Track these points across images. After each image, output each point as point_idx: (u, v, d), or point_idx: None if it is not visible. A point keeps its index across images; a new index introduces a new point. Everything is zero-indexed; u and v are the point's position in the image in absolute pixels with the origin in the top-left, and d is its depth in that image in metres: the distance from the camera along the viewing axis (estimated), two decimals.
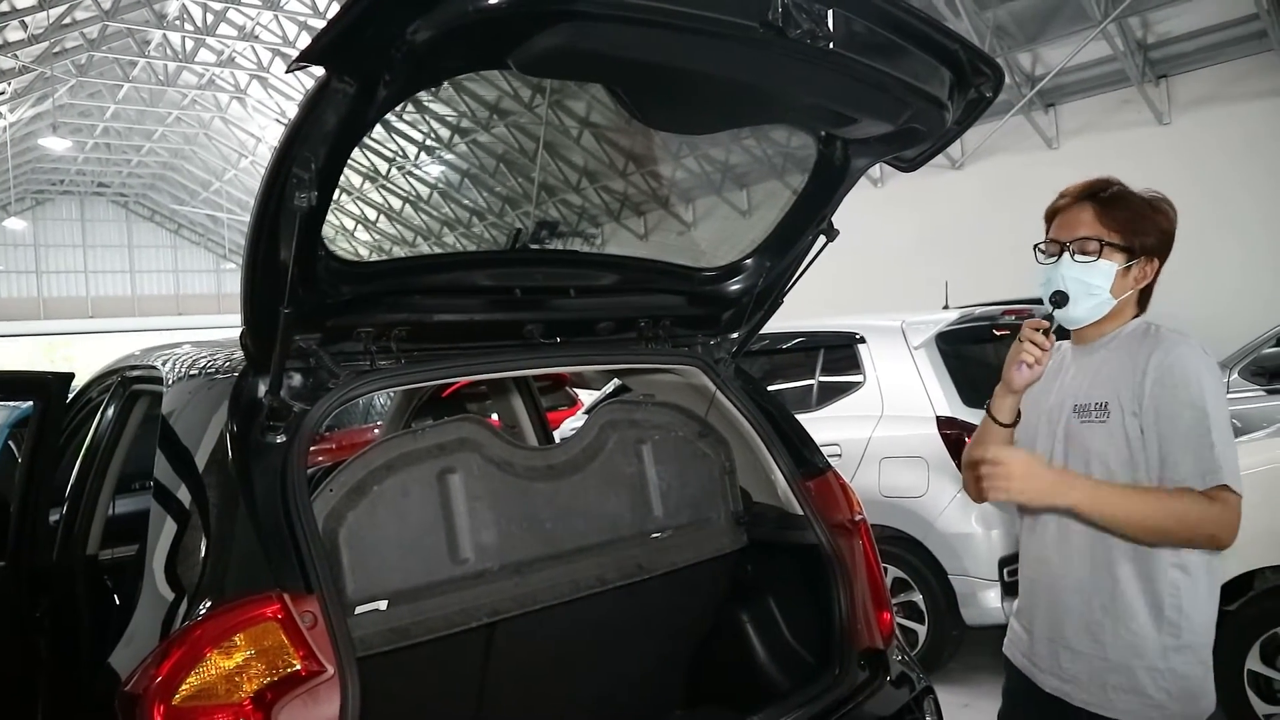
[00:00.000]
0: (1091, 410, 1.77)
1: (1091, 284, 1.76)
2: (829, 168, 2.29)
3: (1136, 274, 1.79)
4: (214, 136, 28.99)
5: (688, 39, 1.56)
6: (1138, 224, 1.77)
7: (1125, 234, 1.76)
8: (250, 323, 1.77)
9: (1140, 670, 1.71)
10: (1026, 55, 13.16)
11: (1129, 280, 1.78)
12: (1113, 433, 1.73)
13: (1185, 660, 1.71)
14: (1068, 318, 1.81)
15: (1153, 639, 1.71)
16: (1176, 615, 1.71)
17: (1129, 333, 1.81)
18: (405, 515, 2.08)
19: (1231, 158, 11.36)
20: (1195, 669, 1.72)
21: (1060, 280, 1.78)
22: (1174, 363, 1.69)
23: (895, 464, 4.42)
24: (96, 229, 36.68)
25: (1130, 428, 1.71)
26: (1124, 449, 1.72)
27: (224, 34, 21.64)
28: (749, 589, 2.68)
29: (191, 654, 1.57)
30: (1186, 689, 1.71)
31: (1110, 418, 1.74)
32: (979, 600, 4.13)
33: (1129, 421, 1.71)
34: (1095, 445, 1.76)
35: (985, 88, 2.01)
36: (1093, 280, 1.76)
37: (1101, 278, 1.76)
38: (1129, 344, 1.78)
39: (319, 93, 1.44)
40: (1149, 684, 1.71)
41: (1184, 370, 1.67)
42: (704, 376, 2.59)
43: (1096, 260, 1.76)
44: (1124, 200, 1.79)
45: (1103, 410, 1.76)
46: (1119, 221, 1.76)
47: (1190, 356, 1.69)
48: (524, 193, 21.37)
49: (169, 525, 1.90)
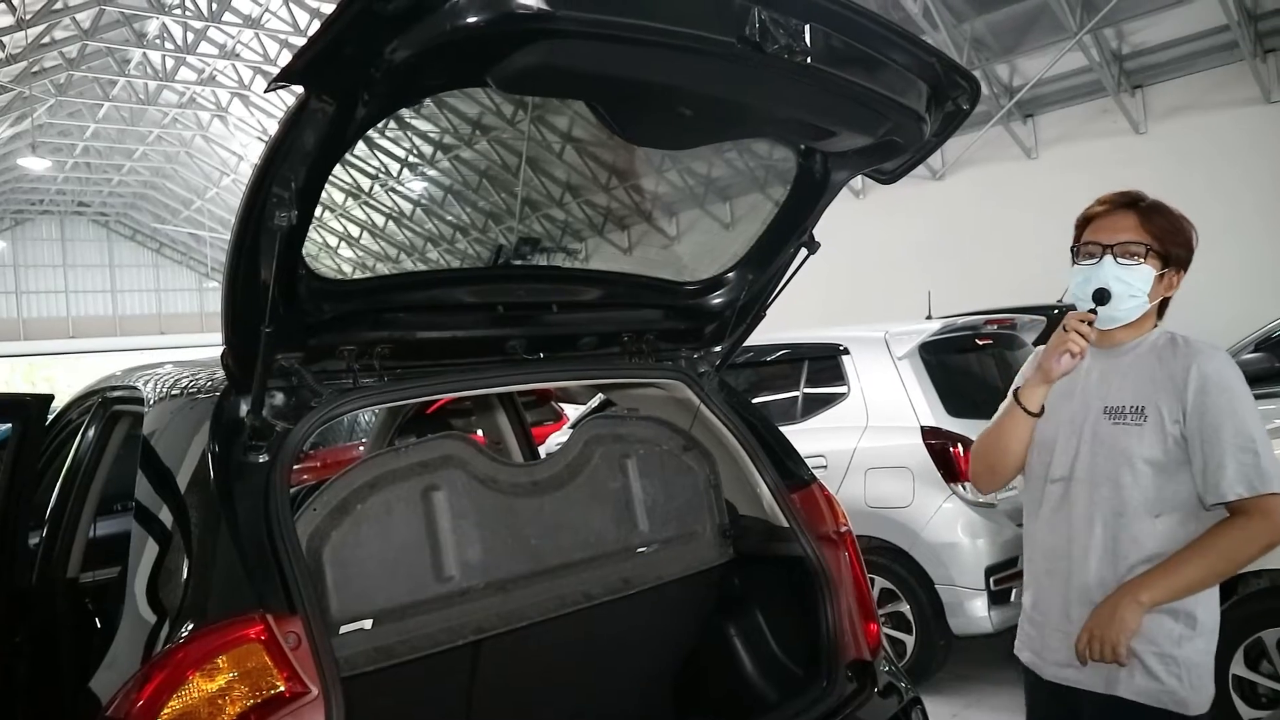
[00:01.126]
0: (1126, 413, 1.86)
1: (1133, 285, 1.84)
2: (809, 180, 2.30)
3: (1167, 282, 1.89)
4: (195, 155, 28.88)
5: (666, 55, 1.57)
6: (1173, 234, 1.87)
7: (1163, 242, 1.86)
8: (231, 342, 1.77)
9: (1152, 656, 1.80)
10: (1004, 66, 13.30)
11: (1161, 287, 1.88)
12: (1150, 436, 1.82)
13: (1196, 649, 1.81)
14: (1107, 316, 1.88)
15: (1167, 627, 1.81)
16: (1192, 605, 1.81)
17: (1155, 341, 1.89)
18: (389, 533, 2.07)
19: (1207, 166, 11.51)
20: (1204, 658, 1.82)
21: (1103, 279, 1.85)
22: (1212, 373, 1.79)
23: (881, 474, 4.43)
24: (77, 248, 36.43)
25: (1171, 433, 1.80)
26: (1159, 452, 1.81)
27: (205, 52, 21.59)
28: (736, 602, 2.67)
29: (174, 677, 1.55)
30: (1195, 676, 1.81)
31: (1148, 422, 1.83)
32: (966, 610, 4.14)
33: (1170, 428, 1.80)
34: (1131, 446, 1.84)
35: (962, 100, 2.04)
36: (1134, 281, 1.84)
37: (1143, 280, 1.84)
38: (1159, 352, 1.87)
39: (298, 112, 1.44)
40: (1161, 670, 1.80)
41: (1224, 381, 1.79)
42: (688, 390, 2.59)
43: (1140, 264, 1.84)
44: (1162, 211, 1.89)
45: (1139, 414, 1.84)
46: (1159, 229, 1.86)
47: (1226, 369, 1.81)
48: (507, 208, 21.39)
49: (150, 547, 1.88)
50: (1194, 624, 1.81)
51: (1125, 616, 1.74)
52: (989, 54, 13.05)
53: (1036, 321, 5.17)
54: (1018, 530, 4.19)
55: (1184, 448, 1.80)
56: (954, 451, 4.19)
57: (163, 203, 33.58)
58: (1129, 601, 1.75)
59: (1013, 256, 12.66)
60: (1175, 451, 1.80)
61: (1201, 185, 11.44)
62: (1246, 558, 1.76)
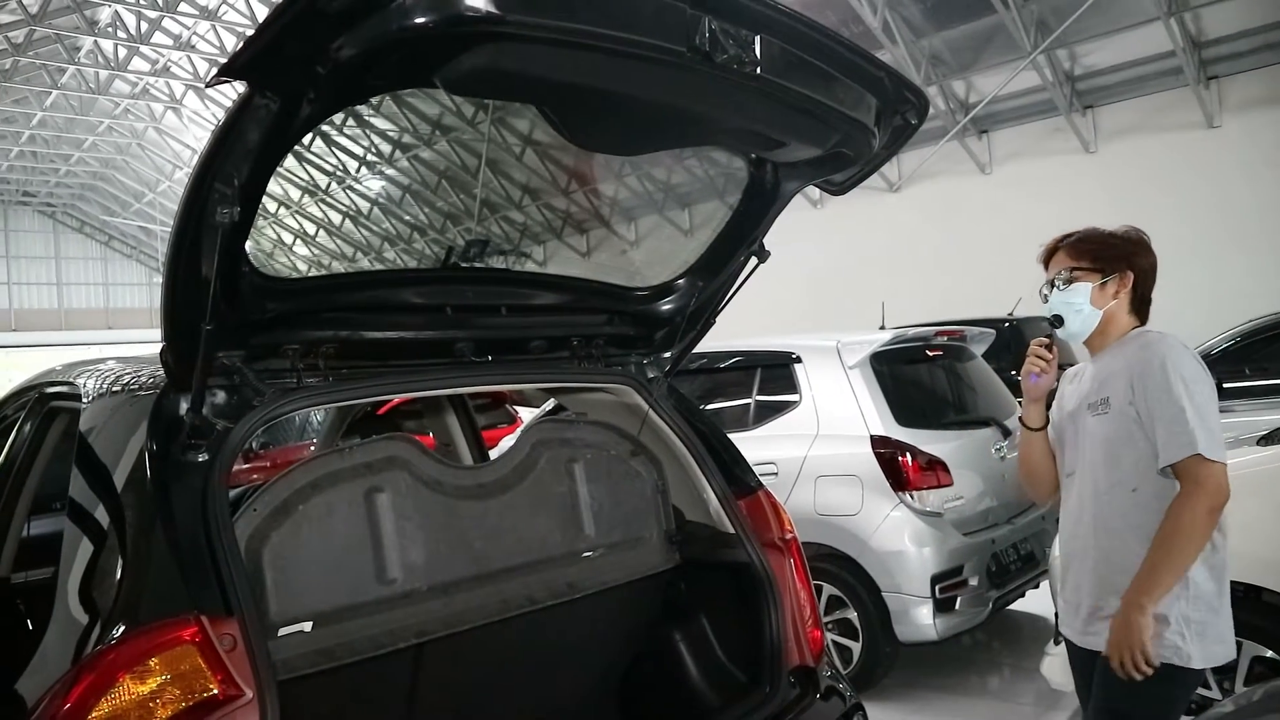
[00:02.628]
0: (1098, 405, 2.21)
1: (1074, 302, 2.21)
2: (760, 190, 2.33)
3: (1114, 287, 2.21)
4: (147, 147, 28.31)
5: (614, 62, 1.57)
6: (1101, 249, 2.21)
7: (1092, 259, 2.20)
8: (171, 339, 1.74)
9: (1158, 617, 2.03)
10: (961, 83, 13.54)
11: (1108, 293, 2.20)
12: (1114, 421, 2.16)
13: (1196, 608, 2.06)
14: (1068, 334, 2.25)
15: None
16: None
17: (1126, 340, 2.22)
18: (331, 535, 2.05)
19: (1152, 185, 11.83)
20: (1206, 615, 2.07)
21: (1053, 307, 2.24)
22: (1150, 356, 2.10)
23: (830, 482, 4.46)
24: (21, 239, 35.47)
25: (1127, 413, 2.12)
26: (1124, 432, 2.13)
27: (159, 43, 21.18)
28: (681, 608, 2.68)
29: (103, 679, 1.52)
30: (1200, 632, 2.06)
31: (1111, 409, 2.16)
32: (912, 617, 4.18)
33: (1126, 409, 2.13)
34: (1101, 433, 2.18)
35: (910, 115, 2.07)
36: (1074, 299, 2.21)
37: (1080, 296, 2.20)
38: (1128, 346, 2.19)
39: (241, 108, 1.42)
40: (1164, 629, 2.04)
41: (1162, 360, 2.07)
42: (637, 395, 2.60)
43: (1073, 284, 2.20)
44: (1087, 236, 2.25)
45: (1105, 404, 2.18)
46: (1084, 251, 2.22)
47: (1169, 349, 2.10)
48: (466, 209, 21.26)
49: (84, 546, 1.84)
50: (1187, 584, 2.05)
51: (1138, 627, 1.99)
52: (946, 70, 13.28)
53: (986, 334, 5.24)
54: (964, 539, 4.26)
55: (1143, 425, 2.09)
56: (902, 460, 4.24)
57: (113, 195, 32.87)
58: (1134, 613, 2.00)
59: (967, 269, 12.89)
60: (1136, 430, 2.11)
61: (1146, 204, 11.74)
62: (1203, 528, 2.00)
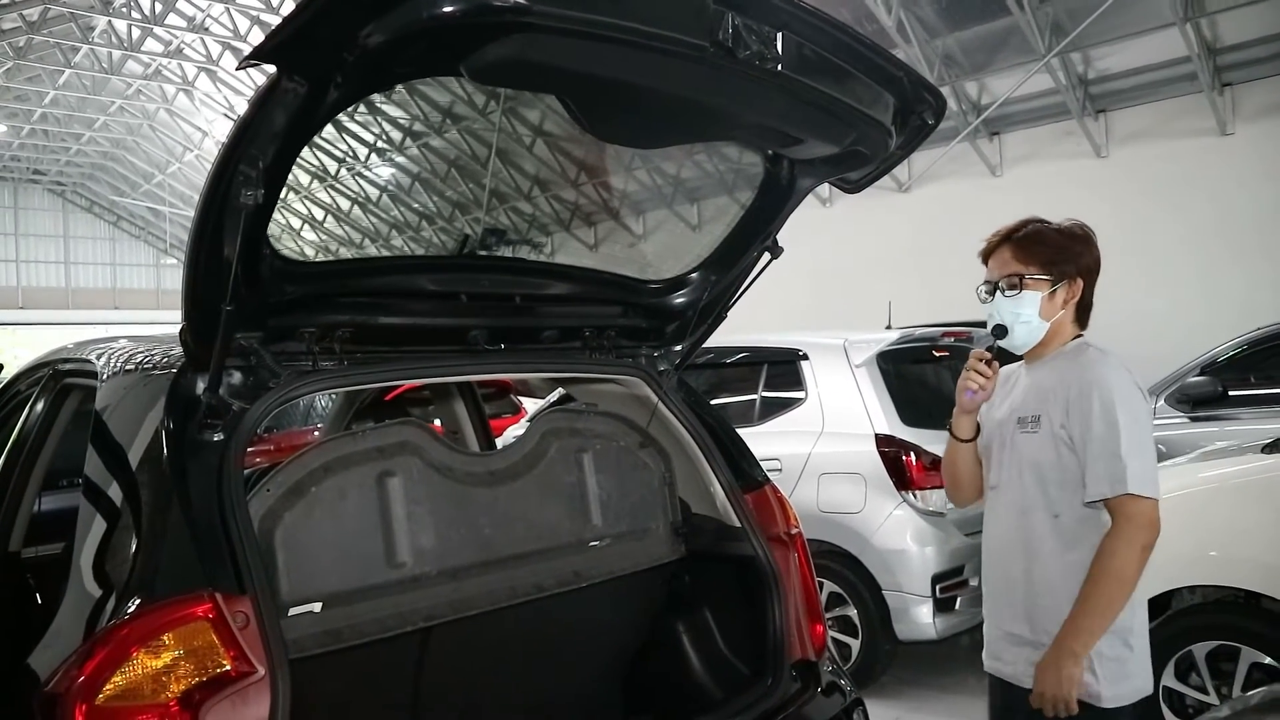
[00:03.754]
0: (1028, 422, 2.03)
1: (1021, 313, 2.01)
2: (775, 186, 2.34)
3: (1063, 295, 2.01)
4: (158, 128, 28.29)
5: (639, 55, 1.58)
6: (1053, 254, 2.00)
7: (1042, 264, 1.99)
8: (191, 318, 1.75)
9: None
10: (973, 84, 13.49)
11: (1056, 303, 2.02)
12: (1043, 442, 1.99)
13: (1110, 644, 1.91)
14: (1012, 344, 2.06)
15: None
16: None
17: (1066, 351, 2.04)
18: (342, 517, 2.07)
19: (1163, 191, 11.79)
20: (1121, 650, 1.91)
21: (998, 315, 2.04)
22: (1091, 380, 1.93)
23: (834, 480, 4.48)
24: (30, 217, 35.48)
25: (1060, 437, 1.96)
26: (1053, 455, 1.97)
27: (173, 24, 21.17)
28: (686, 599, 2.70)
29: (117, 653, 1.54)
30: (1114, 671, 1.90)
31: (1041, 429, 1.99)
32: (912, 616, 4.21)
33: (1058, 433, 1.96)
34: (1028, 453, 2.02)
35: (927, 115, 2.08)
36: (1022, 310, 2.00)
37: (1028, 306, 2.00)
38: (1065, 361, 1.99)
39: (269, 91, 1.43)
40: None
41: (1099, 387, 1.89)
42: (647, 388, 2.61)
43: (1021, 293, 2.00)
44: (1037, 235, 2.03)
45: (1035, 423, 2.01)
46: (1034, 255, 2.01)
47: (1107, 374, 1.91)
48: (475, 199, 21.25)
49: (99, 522, 1.86)
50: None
51: (1067, 673, 1.86)
52: (959, 71, 13.23)
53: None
54: (965, 539, 4.27)
55: (1074, 450, 1.94)
56: (906, 459, 4.25)
57: (122, 175, 32.86)
58: (1065, 658, 1.87)
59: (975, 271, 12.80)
60: (1067, 455, 1.95)
61: (1159, 210, 11.74)
62: (1134, 567, 1.86)
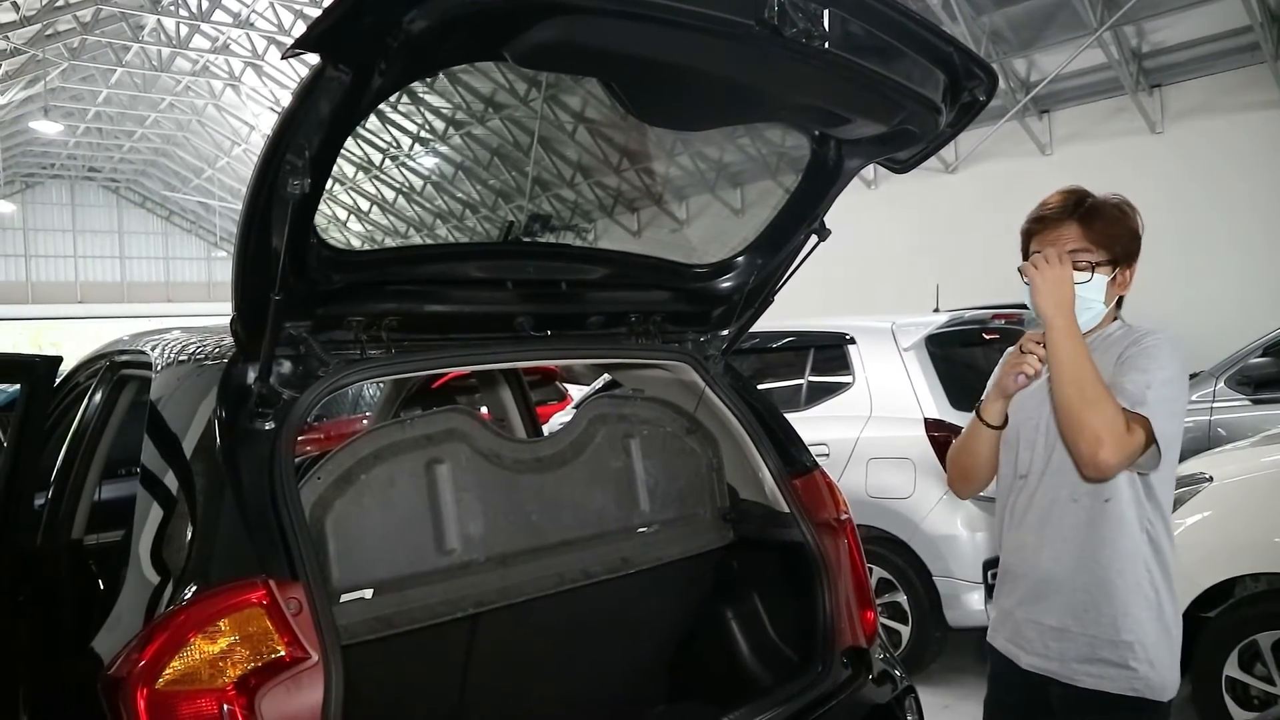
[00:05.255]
0: None
1: (1088, 298, 1.84)
2: (822, 167, 2.30)
3: (1119, 280, 1.89)
4: (207, 123, 28.82)
5: (684, 35, 1.56)
6: (1116, 233, 1.86)
7: (1108, 246, 1.85)
8: (241, 309, 1.77)
9: (1124, 646, 1.81)
10: (1022, 61, 13.21)
11: (1115, 288, 1.89)
12: None
13: (1163, 633, 1.83)
14: None
15: (1133, 615, 1.82)
16: (1153, 593, 1.83)
17: (1110, 336, 1.91)
18: (392, 505, 2.08)
19: (1223, 168, 11.44)
20: (1172, 641, 1.85)
21: None
22: (1141, 340, 1.82)
23: (882, 465, 4.43)
24: (86, 214, 36.39)
25: None
26: None
27: (219, 20, 21.51)
28: (734, 585, 2.69)
29: (176, 638, 1.57)
30: (1164, 659, 1.83)
31: None
32: (963, 602, 4.15)
33: None
34: None
35: (979, 91, 2.03)
36: (1088, 294, 1.84)
37: (1096, 291, 1.85)
38: (1112, 345, 1.87)
39: (314, 80, 1.43)
40: (1129, 656, 1.81)
41: (1149, 345, 1.80)
42: (693, 373, 2.60)
43: (1091, 277, 1.83)
44: (1100, 212, 1.87)
45: None
46: (1101, 235, 1.85)
47: (1157, 339, 1.81)
48: (517, 187, 21.33)
49: (155, 510, 1.89)
50: (1156, 610, 1.83)
51: (1056, 290, 1.76)
52: (1007, 48, 12.96)
53: None
54: None
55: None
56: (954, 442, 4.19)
57: (173, 170, 33.55)
58: (1066, 303, 1.76)
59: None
60: None
61: (1218, 187, 11.40)
62: (1086, 412, 1.69)
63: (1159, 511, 1.84)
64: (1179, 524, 3.16)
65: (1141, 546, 1.83)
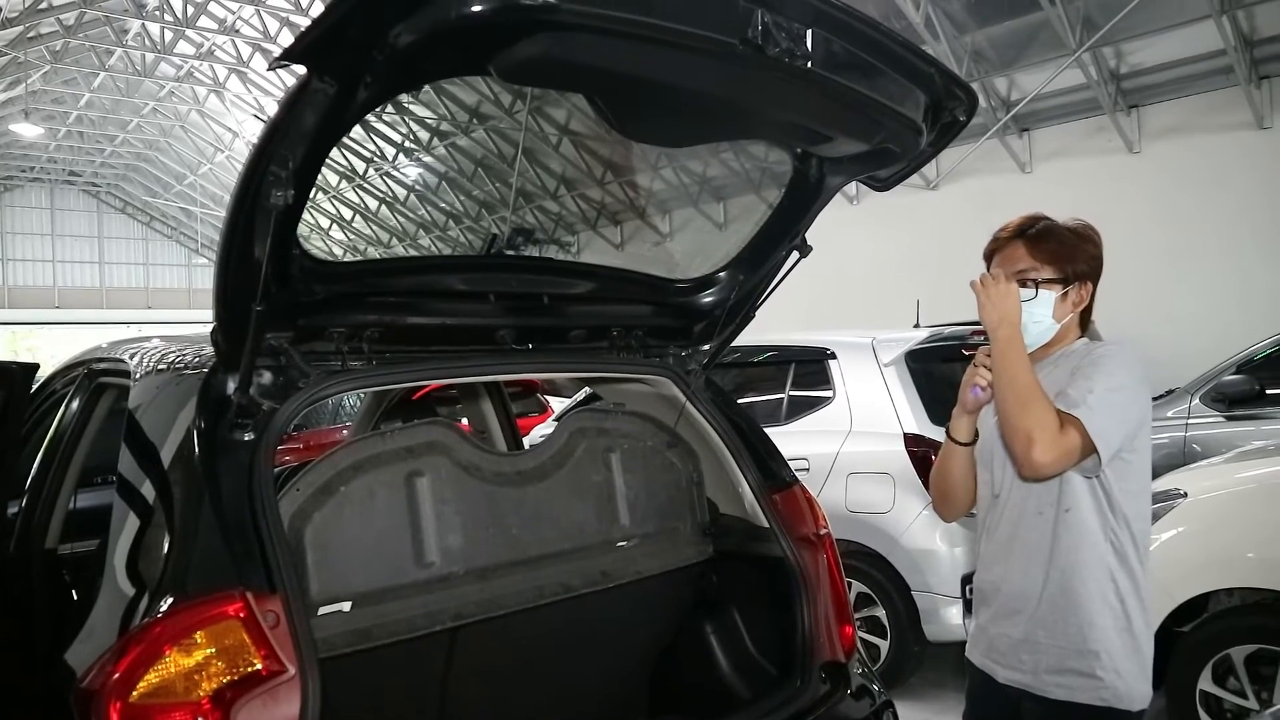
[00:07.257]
0: None
1: (1035, 313, 1.90)
2: (804, 184, 2.32)
3: (1074, 298, 1.94)
4: (190, 130, 28.64)
5: (668, 53, 1.57)
6: (1067, 253, 1.92)
7: (1057, 264, 1.91)
8: (222, 319, 1.77)
9: (1090, 655, 1.84)
10: (1003, 80, 13.35)
11: (1068, 304, 1.94)
12: None
13: (1130, 644, 1.85)
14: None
15: (1099, 625, 1.84)
16: (1118, 603, 1.85)
17: (1072, 351, 1.96)
18: (371, 517, 2.07)
19: (1198, 188, 11.60)
20: (1140, 652, 1.86)
21: None
22: (1091, 351, 1.89)
23: (862, 479, 4.45)
24: (66, 218, 36.02)
25: None
26: None
27: (204, 26, 21.42)
28: (714, 600, 2.69)
29: (150, 651, 1.56)
30: (1131, 669, 1.84)
31: None
32: (941, 617, 4.17)
33: None
34: None
35: (959, 111, 2.05)
36: (1035, 310, 1.90)
37: (1043, 307, 1.91)
38: (1070, 360, 1.93)
39: (299, 92, 1.44)
40: (1096, 666, 1.83)
41: (1097, 356, 1.86)
42: (674, 387, 2.60)
43: (1036, 294, 1.90)
44: (1051, 233, 1.94)
45: None
46: (1049, 254, 1.92)
47: (1108, 349, 1.88)
48: (501, 198, 21.32)
49: (132, 520, 1.88)
50: (1121, 619, 1.85)
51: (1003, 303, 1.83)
52: (988, 67, 13.10)
53: None
54: None
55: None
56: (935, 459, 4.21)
57: (155, 176, 33.29)
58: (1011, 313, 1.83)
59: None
60: None
61: (1193, 207, 11.56)
62: (1021, 415, 1.76)
63: (1125, 524, 1.86)
64: (1153, 539, 3.19)
65: (1106, 556, 1.85)
